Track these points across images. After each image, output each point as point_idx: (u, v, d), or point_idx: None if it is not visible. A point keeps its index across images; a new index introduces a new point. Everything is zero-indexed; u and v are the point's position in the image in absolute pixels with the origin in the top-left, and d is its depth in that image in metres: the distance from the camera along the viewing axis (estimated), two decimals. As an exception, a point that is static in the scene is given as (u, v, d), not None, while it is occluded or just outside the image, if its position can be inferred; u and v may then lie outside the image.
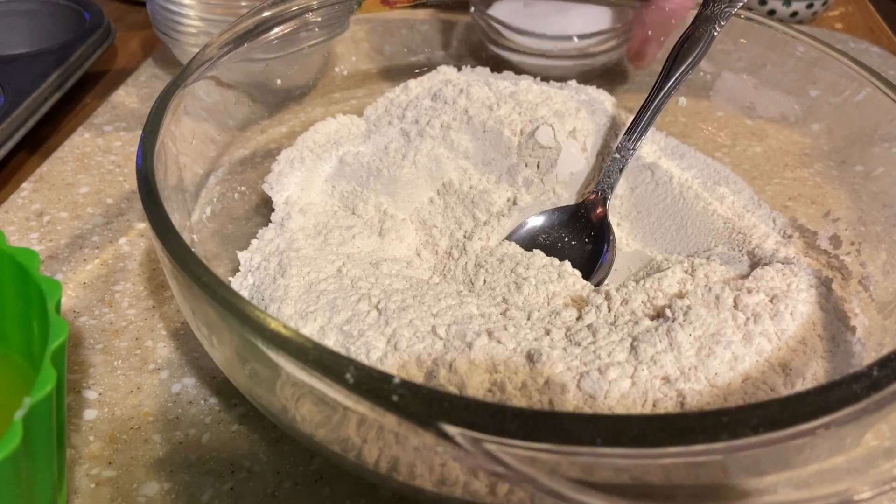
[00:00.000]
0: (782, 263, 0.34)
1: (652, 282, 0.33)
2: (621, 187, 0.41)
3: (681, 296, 0.32)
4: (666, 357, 0.29)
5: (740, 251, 0.37)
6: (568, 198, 0.41)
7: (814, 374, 0.30)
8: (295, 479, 0.30)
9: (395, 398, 0.20)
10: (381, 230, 0.38)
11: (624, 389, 0.28)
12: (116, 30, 0.57)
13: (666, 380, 0.28)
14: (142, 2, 0.53)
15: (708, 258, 0.36)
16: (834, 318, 0.33)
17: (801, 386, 0.30)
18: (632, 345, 0.29)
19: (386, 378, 0.20)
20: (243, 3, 0.48)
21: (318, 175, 0.40)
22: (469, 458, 0.20)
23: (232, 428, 0.32)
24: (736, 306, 0.31)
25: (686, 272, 0.34)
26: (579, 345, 0.29)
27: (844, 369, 0.31)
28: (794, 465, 0.21)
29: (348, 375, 0.21)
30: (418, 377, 0.28)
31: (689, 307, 0.31)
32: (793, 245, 0.37)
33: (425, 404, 0.20)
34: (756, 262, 0.36)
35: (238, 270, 0.35)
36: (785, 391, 0.29)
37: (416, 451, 0.23)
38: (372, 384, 0.20)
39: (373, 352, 0.29)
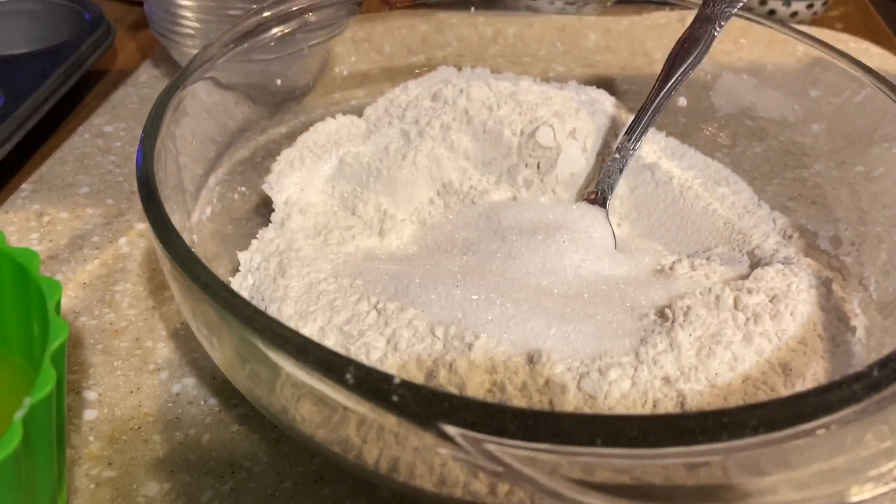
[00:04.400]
0: (782, 263, 0.34)
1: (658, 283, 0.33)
2: (621, 187, 0.41)
3: (681, 296, 0.32)
4: (666, 357, 0.29)
5: (740, 251, 0.37)
6: (568, 198, 0.41)
7: (814, 374, 0.30)
8: (295, 479, 0.30)
9: (395, 398, 0.20)
10: (381, 230, 0.38)
11: (624, 390, 0.28)
12: (116, 30, 0.57)
13: (666, 380, 0.28)
14: (141, 2, 0.53)
15: (708, 258, 0.36)
16: (834, 318, 0.33)
17: (801, 386, 0.30)
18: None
19: (386, 378, 0.20)
20: (240, 5, 0.48)
21: (318, 175, 0.40)
22: (469, 459, 0.20)
23: (232, 428, 0.32)
24: (736, 306, 0.31)
25: (685, 272, 0.34)
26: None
27: (844, 369, 0.31)
28: (795, 466, 0.21)
29: (348, 375, 0.21)
30: (418, 377, 0.28)
31: (689, 307, 0.31)
32: (793, 245, 0.37)
33: (425, 404, 0.20)
34: (756, 262, 0.36)
35: (238, 270, 0.35)
36: (785, 391, 0.29)
37: (416, 451, 0.23)
38: (372, 384, 0.20)
39: (373, 352, 0.29)
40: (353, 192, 0.40)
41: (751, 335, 0.30)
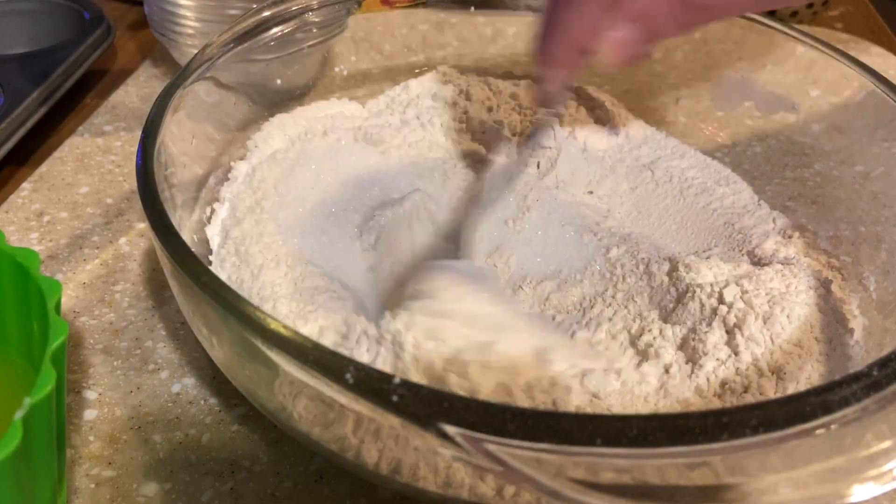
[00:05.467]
0: (782, 264, 0.34)
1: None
2: (621, 186, 0.41)
3: (681, 296, 0.32)
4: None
5: (740, 251, 0.37)
6: (569, 196, 0.41)
7: (808, 377, 0.30)
8: (295, 479, 0.30)
9: (395, 398, 0.20)
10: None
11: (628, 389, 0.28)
12: (116, 29, 0.57)
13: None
14: (141, 1, 0.53)
15: (708, 258, 0.36)
16: (832, 320, 0.33)
17: (793, 390, 0.30)
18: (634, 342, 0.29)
19: (386, 378, 0.20)
20: (240, 5, 0.48)
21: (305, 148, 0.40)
22: (469, 459, 0.20)
23: (232, 428, 0.32)
24: (734, 306, 0.31)
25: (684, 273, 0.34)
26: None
27: (841, 372, 0.31)
28: (794, 465, 0.21)
29: (348, 375, 0.21)
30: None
31: (687, 307, 0.31)
32: (793, 245, 0.37)
33: (425, 404, 0.20)
34: (756, 262, 0.36)
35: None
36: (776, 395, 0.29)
37: (416, 451, 0.23)
38: (372, 384, 0.21)
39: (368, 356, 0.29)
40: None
41: (749, 336, 0.30)
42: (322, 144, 0.40)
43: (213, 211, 0.36)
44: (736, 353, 0.29)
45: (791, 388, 0.29)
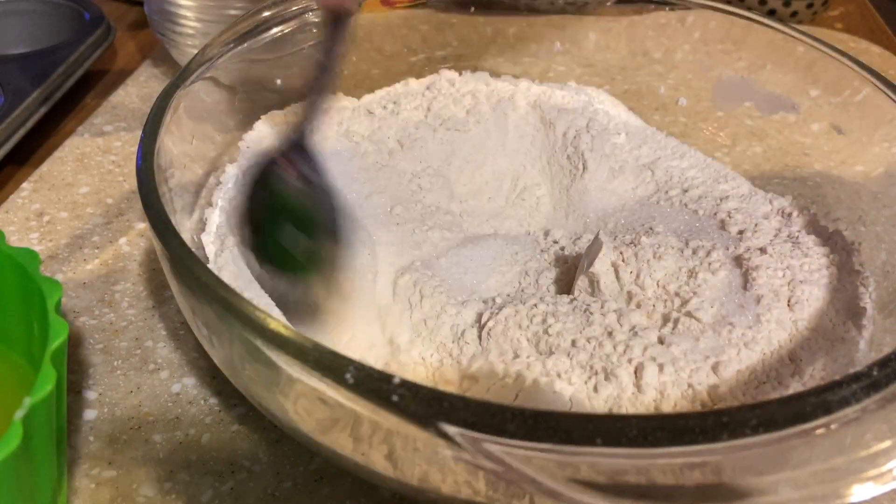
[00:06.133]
0: (792, 243, 0.34)
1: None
2: (622, 186, 0.41)
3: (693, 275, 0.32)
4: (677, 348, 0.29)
5: (741, 233, 0.37)
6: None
7: (823, 365, 0.30)
8: (295, 479, 0.30)
9: (395, 398, 0.20)
10: None
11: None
12: (116, 30, 0.57)
13: (678, 371, 0.28)
14: (141, 1, 0.53)
15: (714, 246, 0.36)
16: (844, 300, 0.33)
17: (809, 369, 0.29)
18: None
19: (386, 378, 0.20)
20: (240, 5, 0.48)
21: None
22: (469, 458, 0.20)
23: (232, 428, 0.32)
24: (746, 288, 0.31)
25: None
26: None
27: (853, 353, 0.31)
28: (794, 465, 0.21)
29: (348, 375, 0.21)
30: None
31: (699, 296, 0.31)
32: (794, 223, 0.37)
33: (425, 404, 0.20)
34: (761, 246, 0.35)
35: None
36: (793, 382, 0.29)
37: (416, 451, 0.23)
38: (372, 384, 0.20)
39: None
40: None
41: (759, 321, 0.30)
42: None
43: (207, 217, 0.36)
44: (757, 340, 0.29)
45: (807, 374, 0.29)
